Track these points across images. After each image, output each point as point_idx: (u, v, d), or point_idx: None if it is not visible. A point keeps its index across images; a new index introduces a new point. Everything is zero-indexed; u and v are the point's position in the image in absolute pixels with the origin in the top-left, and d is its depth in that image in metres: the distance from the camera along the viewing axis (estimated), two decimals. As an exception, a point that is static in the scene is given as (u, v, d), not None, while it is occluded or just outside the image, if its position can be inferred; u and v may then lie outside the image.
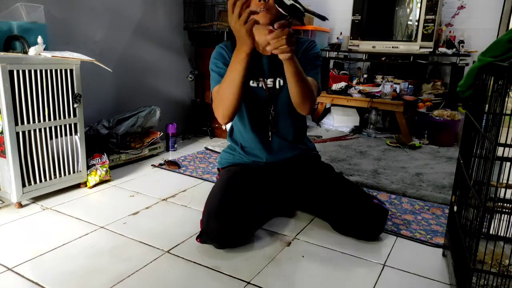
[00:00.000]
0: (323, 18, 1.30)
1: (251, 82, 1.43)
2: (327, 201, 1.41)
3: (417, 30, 3.13)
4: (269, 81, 1.43)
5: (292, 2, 1.18)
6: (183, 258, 1.22)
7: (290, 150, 1.52)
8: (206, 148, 2.56)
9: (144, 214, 1.55)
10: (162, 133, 2.41)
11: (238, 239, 1.28)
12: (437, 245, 1.34)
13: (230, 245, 1.27)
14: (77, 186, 1.79)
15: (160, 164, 2.17)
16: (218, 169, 1.63)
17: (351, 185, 1.46)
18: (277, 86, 1.44)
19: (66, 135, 1.68)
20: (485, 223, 0.97)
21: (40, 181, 1.60)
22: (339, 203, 1.38)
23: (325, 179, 1.46)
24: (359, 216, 1.34)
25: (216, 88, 1.34)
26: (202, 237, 1.27)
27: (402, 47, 3.24)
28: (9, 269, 1.14)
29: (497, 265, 1.06)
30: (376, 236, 1.37)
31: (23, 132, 1.51)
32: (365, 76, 3.54)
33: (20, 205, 1.57)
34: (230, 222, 1.23)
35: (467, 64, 3.19)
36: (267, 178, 1.49)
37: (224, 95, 1.26)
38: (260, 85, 1.43)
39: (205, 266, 1.18)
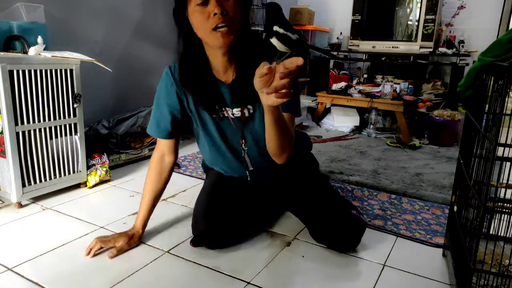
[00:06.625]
0: (329, 53, 1.19)
1: (220, 114, 1.22)
2: (304, 210, 1.33)
3: (417, 30, 3.14)
4: (236, 111, 1.21)
5: (297, 36, 1.00)
6: (183, 258, 1.22)
7: (276, 169, 1.28)
8: (206, 148, 2.56)
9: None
10: (162, 133, 2.40)
11: (226, 237, 1.27)
12: (437, 245, 1.34)
13: (218, 244, 1.26)
14: (77, 186, 1.79)
15: (160, 164, 2.17)
16: (203, 168, 1.55)
17: (330, 194, 1.34)
18: (247, 114, 1.22)
19: (66, 135, 1.68)
20: (485, 223, 0.97)
21: (40, 181, 1.60)
22: (314, 214, 1.28)
23: (303, 187, 1.35)
24: (334, 228, 1.24)
25: (155, 151, 1.30)
26: (194, 240, 1.28)
27: (402, 47, 3.24)
28: (9, 269, 1.14)
29: (497, 265, 1.06)
30: (351, 249, 1.29)
31: (23, 132, 1.51)
32: (365, 76, 3.55)
33: (20, 205, 1.56)
34: (217, 220, 1.22)
35: (467, 64, 3.19)
36: (251, 188, 1.37)
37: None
38: (225, 115, 1.22)
39: (205, 266, 1.17)
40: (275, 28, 0.98)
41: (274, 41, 0.99)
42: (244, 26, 1.07)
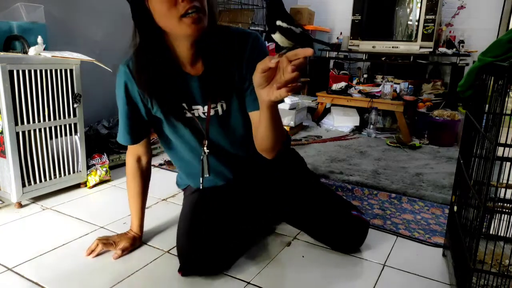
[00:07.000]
0: (330, 46, 1.19)
1: (188, 113, 1.11)
2: (304, 216, 1.29)
3: (417, 30, 3.14)
4: (207, 109, 1.11)
5: (300, 29, 1.00)
6: (183, 258, 1.22)
7: (262, 168, 1.23)
8: (206, 148, 2.55)
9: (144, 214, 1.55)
10: (162, 133, 2.41)
11: (218, 265, 1.14)
12: (435, 244, 1.34)
13: (211, 272, 1.13)
14: (77, 186, 1.79)
15: (160, 164, 2.17)
16: (179, 186, 1.44)
17: (328, 196, 1.30)
18: (220, 112, 1.12)
19: (66, 135, 1.68)
20: (485, 223, 0.97)
21: (40, 181, 1.60)
22: (315, 219, 1.26)
23: (299, 192, 1.29)
24: (336, 232, 1.24)
25: (129, 155, 1.23)
26: (183, 270, 1.12)
27: (402, 47, 3.24)
28: (9, 269, 1.14)
29: (497, 265, 1.06)
30: (355, 249, 1.29)
31: (23, 132, 1.51)
32: (365, 76, 3.55)
33: (20, 205, 1.57)
34: (205, 253, 1.09)
35: (467, 64, 3.20)
36: (234, 195, 1.27)
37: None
38: (195, 114, 1.11)
39: (205, 266, 1.17)
40: (278, 22, 0.98)
41: (276, 36, 0.97)
42: (211, 16, 0.97)
